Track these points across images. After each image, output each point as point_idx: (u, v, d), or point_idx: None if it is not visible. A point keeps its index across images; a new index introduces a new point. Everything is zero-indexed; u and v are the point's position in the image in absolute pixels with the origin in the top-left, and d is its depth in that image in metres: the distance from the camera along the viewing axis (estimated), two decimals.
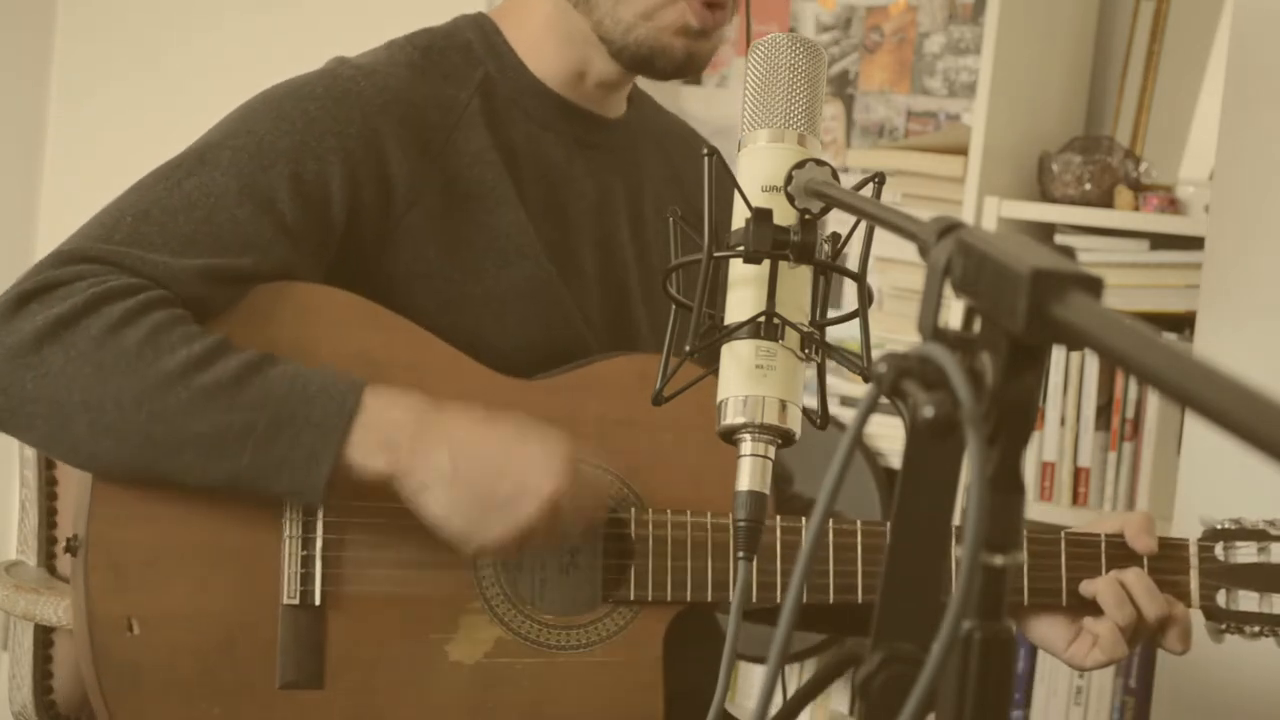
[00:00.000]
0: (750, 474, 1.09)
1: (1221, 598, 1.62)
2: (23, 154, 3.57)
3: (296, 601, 1.50)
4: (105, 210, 1.52)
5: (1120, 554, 1.61)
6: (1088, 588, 1.59)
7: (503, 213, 1.61)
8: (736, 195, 1.13)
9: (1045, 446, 2.70)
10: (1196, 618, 1.62)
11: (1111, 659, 1.59)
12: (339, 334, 1.55)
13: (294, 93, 1.58)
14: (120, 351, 1.43)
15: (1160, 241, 2.63)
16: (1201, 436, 2.22)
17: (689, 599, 1.58)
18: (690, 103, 3.21)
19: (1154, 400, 2.62)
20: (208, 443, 1.44)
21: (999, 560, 0.75)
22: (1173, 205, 2.68)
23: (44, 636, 1.60)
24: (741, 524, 1.09)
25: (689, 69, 1.64)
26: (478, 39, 1.68)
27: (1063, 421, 2.69)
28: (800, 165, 1.12)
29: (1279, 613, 1.62)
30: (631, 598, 1.58)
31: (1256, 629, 1.63)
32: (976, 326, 0.78)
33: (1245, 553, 1.63)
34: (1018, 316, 0.71)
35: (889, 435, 2.91)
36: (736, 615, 1.06)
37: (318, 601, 1.51)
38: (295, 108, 1.56)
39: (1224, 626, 1.63)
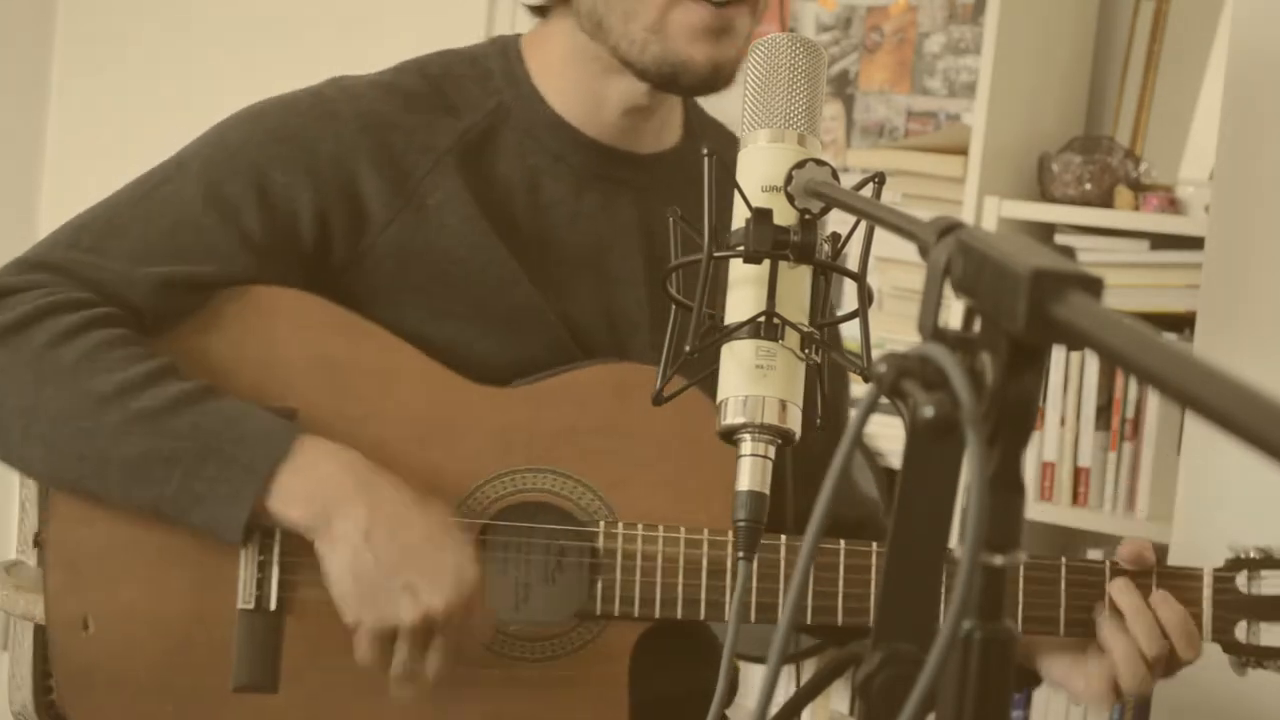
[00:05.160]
0: (750, 474, 1.08)
1: (1242, 630, 1.54)
2: (23, 154, 3.57)
3: (251, 606, 1.50)
4: (79, 215, 1.53)
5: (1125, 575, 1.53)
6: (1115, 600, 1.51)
7: (482, 246, 1.58)
8: (737, 195, 1.13)
9: (1045, 446, 2.69)
10: (1216, 651, 1.55)
11: (1135, 689, 1.52)
12: (301, 337, 1.54)
13: (276, 106, 1.58)
14: (58, 366, 1.44)
15: (1160, 241, 2.63)
16: (1201, 436, 2.22)
17: (657, 615, 1.55)
18: None
19: (1154, 400, 2.61)
20: (133, 466, 1.44)
21: (999, 560, 0.75)
22: (1173, 205, 2.68)
23: (44, 636, 1.60)
24: (741, 524, 1.08)
25: (718, 80, 1.57)
26: (500, 67, 1.65)
27: (1063, 421, 2.69)
28: (800, 165, 1.11)
29: None
30: (598, 612, 1.56)
31: None
32: (976, 326, 0.78)
33: (1271, 583, 1.53)
34: (1018, 317, 0.71)
35: (889, 435, 2.90)
36: (735, 616, 1.06)
37: (273, 606, 1.50)
38: (275, 119, 1.57)
39: (1245, 660, 1.55)
